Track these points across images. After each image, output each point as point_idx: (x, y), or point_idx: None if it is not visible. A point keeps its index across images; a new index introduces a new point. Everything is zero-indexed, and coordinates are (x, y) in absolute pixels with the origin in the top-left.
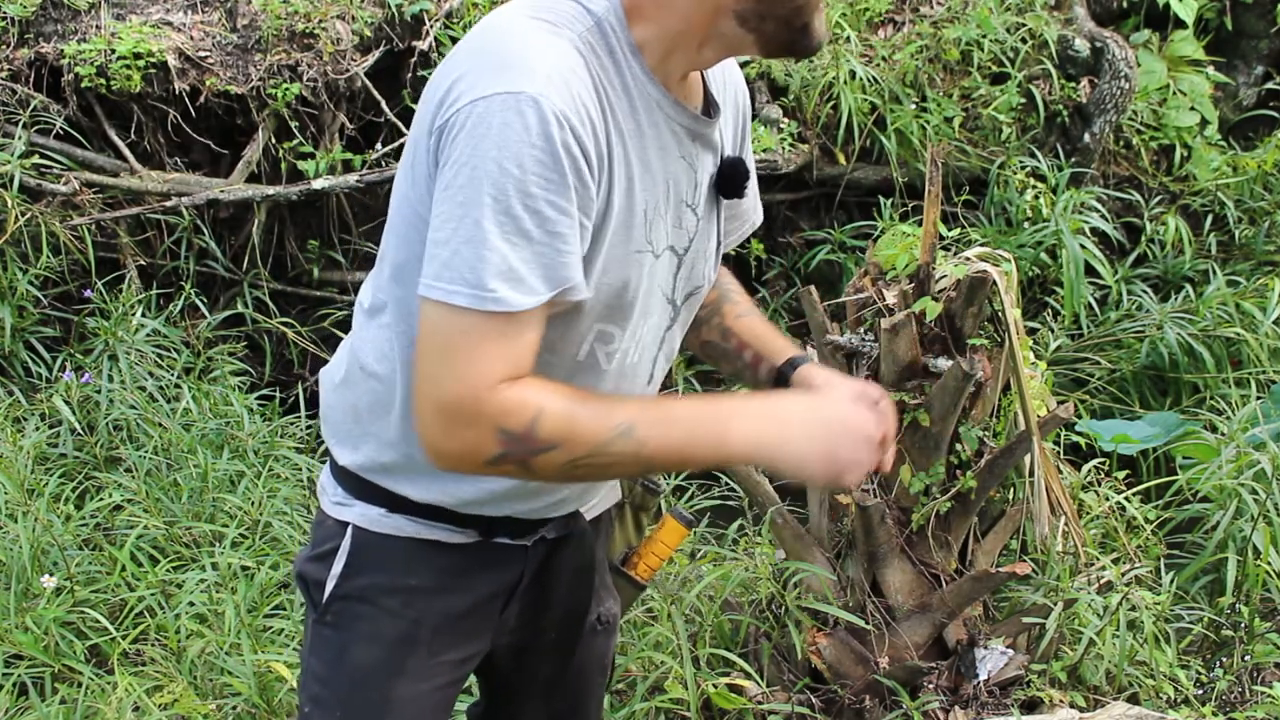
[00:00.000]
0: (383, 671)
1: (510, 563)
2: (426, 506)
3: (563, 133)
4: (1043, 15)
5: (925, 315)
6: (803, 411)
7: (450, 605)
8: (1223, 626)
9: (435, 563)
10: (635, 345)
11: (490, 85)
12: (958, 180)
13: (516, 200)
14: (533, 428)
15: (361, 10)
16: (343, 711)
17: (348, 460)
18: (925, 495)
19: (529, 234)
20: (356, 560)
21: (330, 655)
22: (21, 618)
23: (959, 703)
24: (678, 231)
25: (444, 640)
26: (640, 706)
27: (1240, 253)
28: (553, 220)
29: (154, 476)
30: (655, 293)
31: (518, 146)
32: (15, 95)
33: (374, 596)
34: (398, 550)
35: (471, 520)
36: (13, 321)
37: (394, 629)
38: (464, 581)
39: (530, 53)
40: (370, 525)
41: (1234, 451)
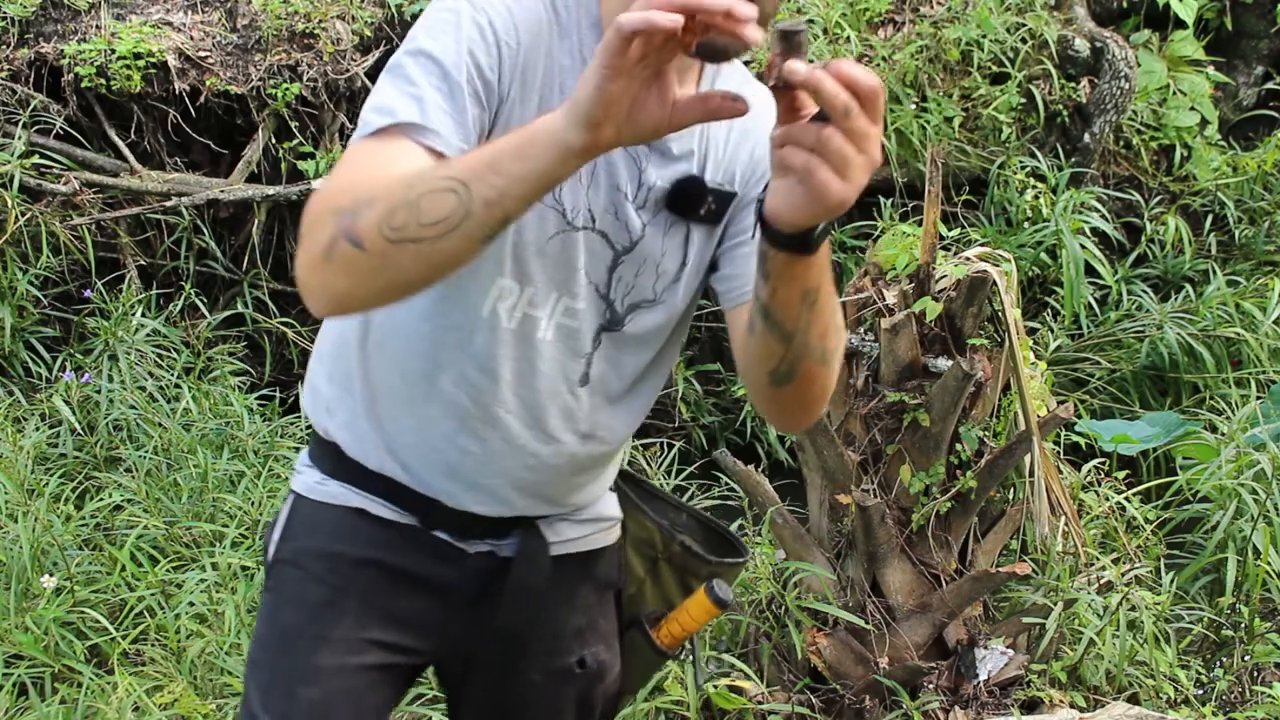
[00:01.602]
0: (307, 636)
1: (448, 560)
2: (359, 470)
3: (476, 14)
4: (1043, 15)
5: (925, 315)
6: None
7: (378, 580)
8: (1223, 626)
9: (363, 532)
10: (547, 318)
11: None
12: (958, 180)
13: (410, 51)
14: (358, 193)
15: (361, 10)
16: (270, 674)
17: (309, 408)
18: (925, 495)
19: (412, 77)
20: (292, 525)
21: (265, 618)
22: (21, 618)
23: (959, 703)
24: (613, 221)
25: (373, 617)
26: (640, 706)
27: (1240, 253)
28: (436, 72)
29: (154, 476)
30: (578, 275)
31: (429, 17)
32: (15, 95)
33: (303, 560)
34: (329, 516)
35: (406, 498)
36: (13, 321)
37: (318, 593)
38: (395, 558)
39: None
40: (308, 492)
41: (1234, 451)
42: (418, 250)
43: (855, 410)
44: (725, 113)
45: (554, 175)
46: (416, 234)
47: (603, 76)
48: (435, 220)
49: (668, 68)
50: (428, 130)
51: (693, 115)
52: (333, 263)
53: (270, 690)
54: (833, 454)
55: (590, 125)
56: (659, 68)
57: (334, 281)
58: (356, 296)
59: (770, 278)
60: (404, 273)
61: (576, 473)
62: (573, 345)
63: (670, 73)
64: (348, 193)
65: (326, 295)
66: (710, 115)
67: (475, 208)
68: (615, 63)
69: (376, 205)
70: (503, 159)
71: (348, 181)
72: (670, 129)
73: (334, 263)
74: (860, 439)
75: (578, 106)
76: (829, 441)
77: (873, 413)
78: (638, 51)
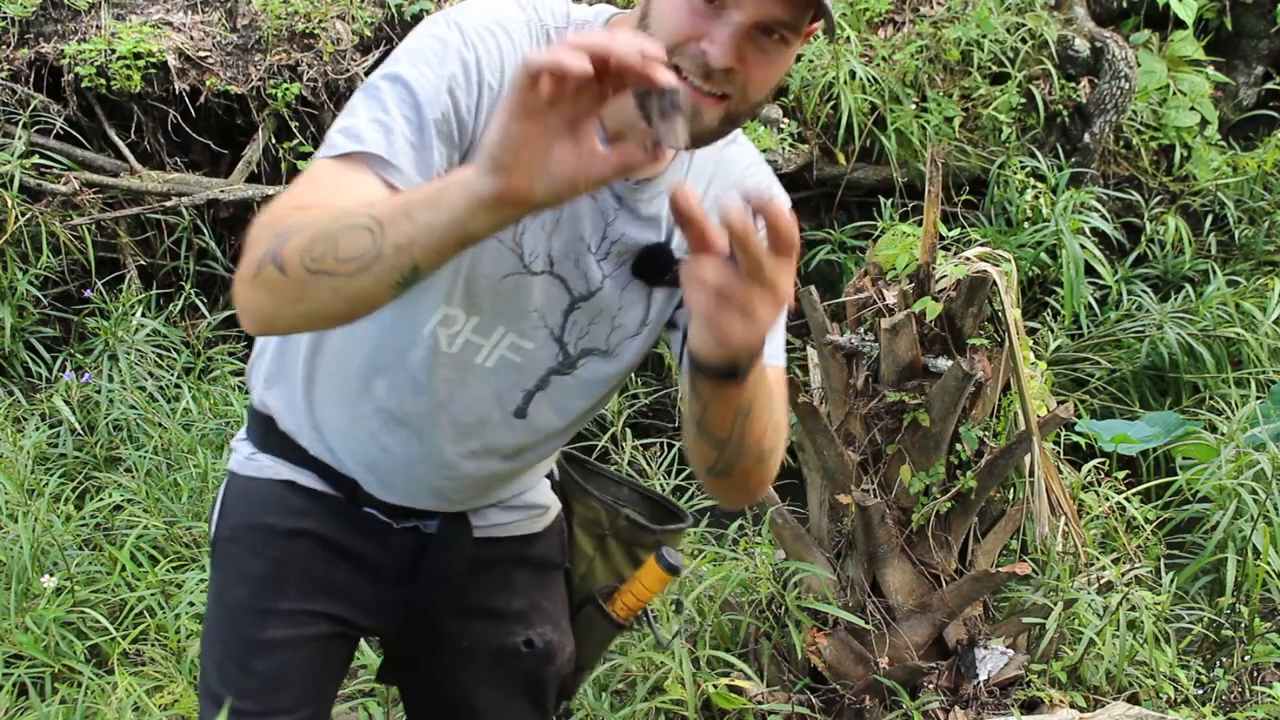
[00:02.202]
0: (254, 610)
1: (375, 535)
2: (289, 443)
3: (464, 48)
4: (1043, 15)
5: (925, 315)
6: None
7: (312, 551)
8: (1223, 626)
9: (292, 503)
10: (490, 347)
11: (431, 15)
12: (958, 180)
13: (389, 75)
14: (296, 216)
15: (361, 10)
16: (223, 650)
17: (251, 376)
18: (925, 495)
19: (386, 104)
20: (227, 503)
21: (213, 596)
22: (21, 618)
23: (959, 703)
24: (572, 268)
25: (314, 587)
26: (640, 706)
27: (1240, 253)
28: (410, 103)
29: (154, 476)
30: (529, 314)
31: (415, 41)
32: (15, 95)
33: (240, 535)
34: (258, 489)
35: (332, 475)
36: (13, 321)
37: (258, 567)
38: (323, 529)
39: (478, 4)
40: (239, 469)
41: (1234, 451)
42: (333, 284)
43: (855, 410)
44: (638, 160)
45: (463, 226)
46: (332, 268)
47: (508, 114)
48: (349, 257)
49: (586, 120)
50: (390, 165)
51: (609, 167)
52: (259, 283)
53: (225, 666)
54: (833, 454)
55: (498, 169)
56: (576, 118)
57: (260, 301)
58: (280, 319)
59: (700, 398)
60: (321, 304)
61: (494, 486)
62: (515, 378)
63: (588, 124)
64: (291, 214)
65: (252, 314)
66: (626, 166)
67: (386, 250)
68: (521, 99)
69: (305, 232)
70: (416, 205)
71: (297, 200)
72: (589, 184)
73: (260, 283)
74: (860, 439)
75: (485, 148)
76: (829, 441)
77: (873, 413)
78: (548, 93)
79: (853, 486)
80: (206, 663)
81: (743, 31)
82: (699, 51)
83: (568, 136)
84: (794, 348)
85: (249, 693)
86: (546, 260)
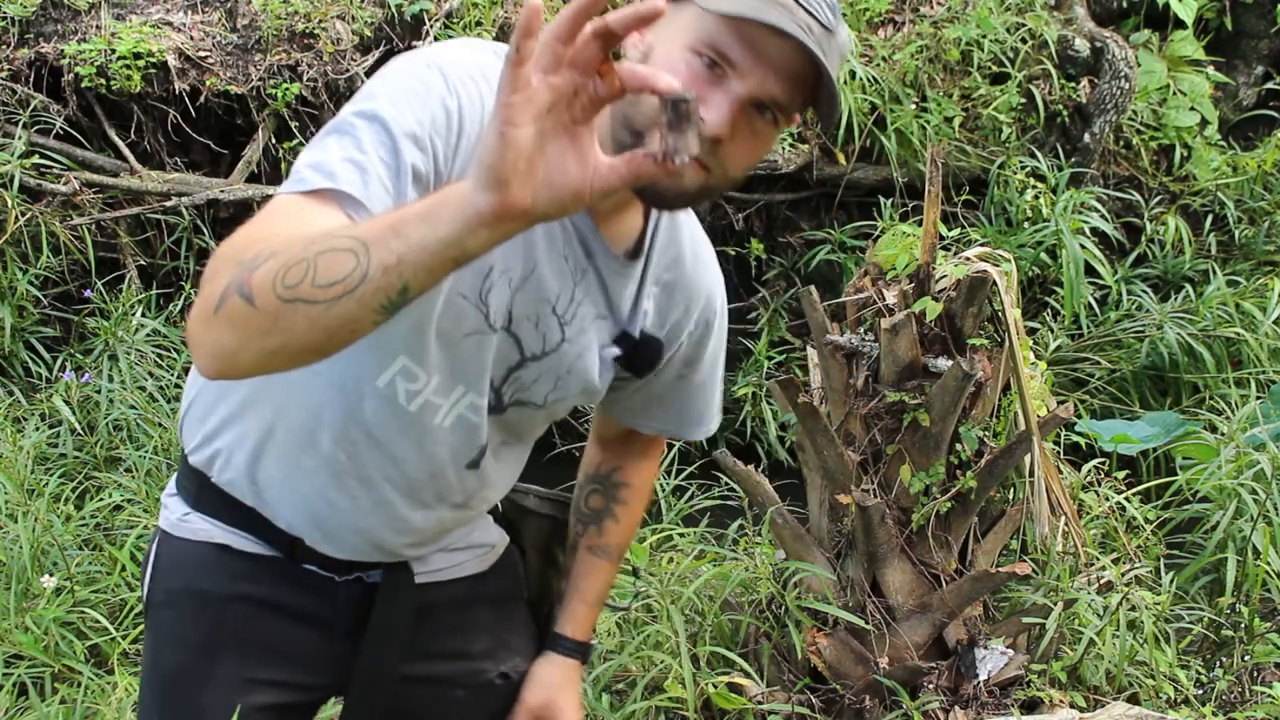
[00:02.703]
0: (189, 677)
1: (318, 591)
2: (223, 500)
3: (446, 94)
4: (1043, 15)
5: (925, 315)
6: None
7: (253, 615)
8: (1223, 626)
9: (229, 567)
10: (448, 407)
11: (408, 54)
12: (958, 180)
13: (366, 113)
14: (261, 249)
15: (361, 10)
16: (159, 716)
17: (183, 426)
18: (925, 495)
19: (362, 144)
20: (160, 565)
21: (148, 661)
22: (21, 618)
23: (959, 703)
24: (531, 328)
25: (255, 654)
26: (640, 705)
27: (1240, 253)
28: (388, 145)
29: (154, 476)
30: (486, 375)
31: (395, 79)
32: (15, 95)
33: (175, 600)
34: (192, 553)
35: (269, 532)
36: (13, 321)
37: (194, 633)
38: (264, 592)
39: (457, 46)
40: (172, 529)
41: (1234, 451)
42: (310, 312)
43: (855, 410)
44: (650, 173)
45: (460, 244)
46: (310, 294)
47: (502, 119)
48: (330, 281)
49: (584, 127)
50: (361, 206)
51: (617, 177)
52: (222, 317)
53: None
54: (833, 454)
55: (498, 182)
56: (573, 123)
57: (222, 338)
58: (245, 357)
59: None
60: (296, 335)
61: (441, 534)
62: (470, 436)
63: (588, 132)
64: (255, 244)
65: (213, 352)
66: (635, 177)
67: (373, 272)
68: (512, 100)
69: (276, 259)
70: (407, 222)
71: (261, 233)
72: (594, 195)
73: (223, 317)
74: (860, 439)
75: (481, 161)
76: (829, 441)
77: (873, 413)
78: (543, 95)
79: (853, 486)
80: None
81: (740, 104)
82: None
83: (568, 145)
84: (794, 348)
85: None
86: (505, 317)
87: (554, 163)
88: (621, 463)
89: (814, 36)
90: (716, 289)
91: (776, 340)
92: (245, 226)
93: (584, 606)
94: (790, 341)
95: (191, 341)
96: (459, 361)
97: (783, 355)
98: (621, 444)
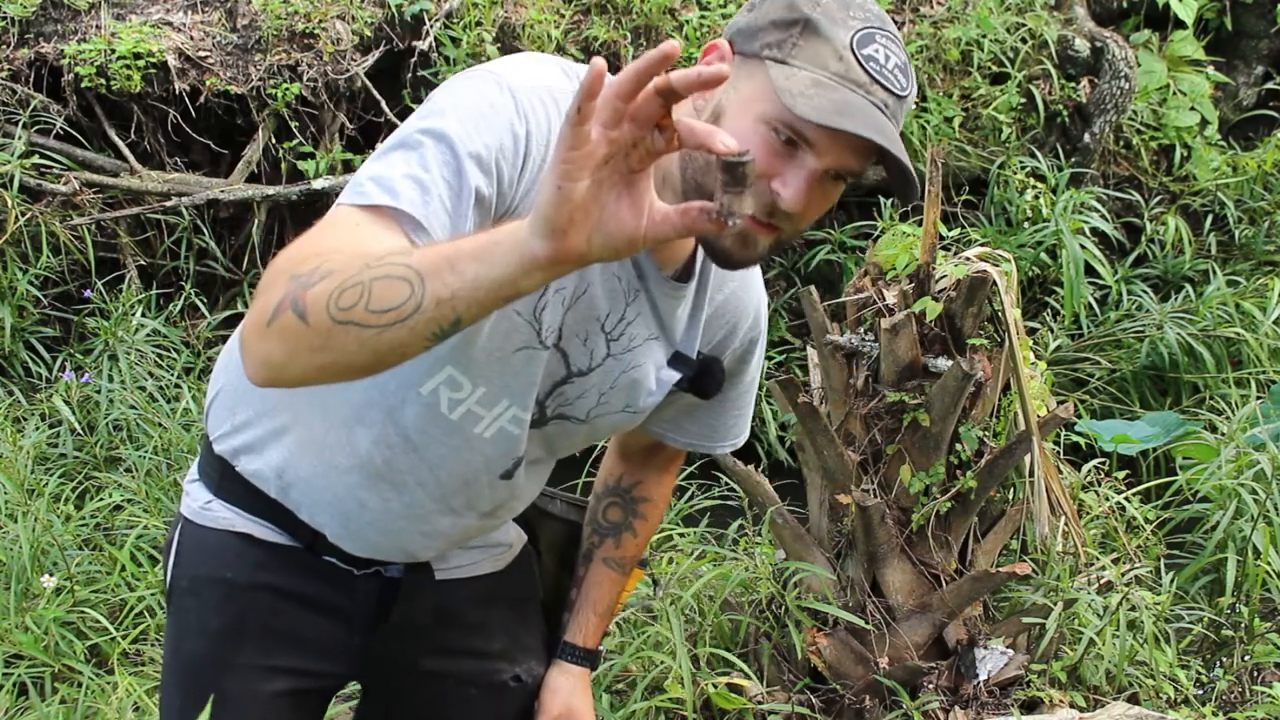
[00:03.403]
0: (212, 664)
1: (337, 583)
2: (246, 489)
3: (515, 118)
4: (1043, 15)
5: (925, 315)
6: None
7: (274, 605)
8: (1223, 626)
9: (251, 556)
10: (492, 418)
11: (478, 69)
12: (958, 180)
13: (433, 131)
14: (318, 265)
15: (361, 10)
16: (182, 702)
17: (210, 413)
18: (925, 495)
19: (427, 162)
20: (182, 551)
21: (170, 646)
22: (21, 618)
23: (959, 703)
24: (580, 345)
25: (276, 642)
26: (640, 706)
27: (1240, 253)
28: (453, 166)
29: (154, 476)
30: (534, 390)
31: (464, 96)
32: (15, 95)
33: (198, 588)
34: (214, 542)
35: (291, 524)
36: (13, 321)
37: (217, 621)
38: (285, 582)
39: (526, 63)
40: (194, 517)
41: (1234, 451)
42: (361, 335)
43: (855, 410)
44: (704, 228)
45: (514, 284)
46: (362, 319)
47: (560, 174)
48: (384, 309)
49: (641, 175)
50: (420, 228)
51: (670, 228)
52: (275, 330)
53: (185, 716)
54: (833, 454)
55: (554, 232)
56: (630, 172)
57: (273, 349)
58: (294, 370)
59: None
60: (345, 355)
61: (466, 540)
62: (508, 448)
63: (644, 180)
64: (312, 259)
65: (263, 362)
66: (689, 229)
67: (426, 303)
68: (571, 156)
69: (332, 279)
70: (463, 258)
71: (319, 246)
72: (647, 242)
73: (276, 330)
74: (860, 439)
75: (539, 211)
76: (829, 441)
77: (873, 413)
78: (602, 149)
79: (853, 486)
80: (165, 711)
81: (815, 178)
82: (768, 190)
83: (624, 194)
84: (794, 348)
85: None
86: (556, 334)
87: (609, 210)
88: (642, 477)
89: (889, 113)
90: (762, 307)
91: (776, 340)
92: (303, 237)
93: (595, 617)
94: (790, 341)
95: (244, 349)
96: (508, 375)
97: (783, 355)
98: (644, 457)
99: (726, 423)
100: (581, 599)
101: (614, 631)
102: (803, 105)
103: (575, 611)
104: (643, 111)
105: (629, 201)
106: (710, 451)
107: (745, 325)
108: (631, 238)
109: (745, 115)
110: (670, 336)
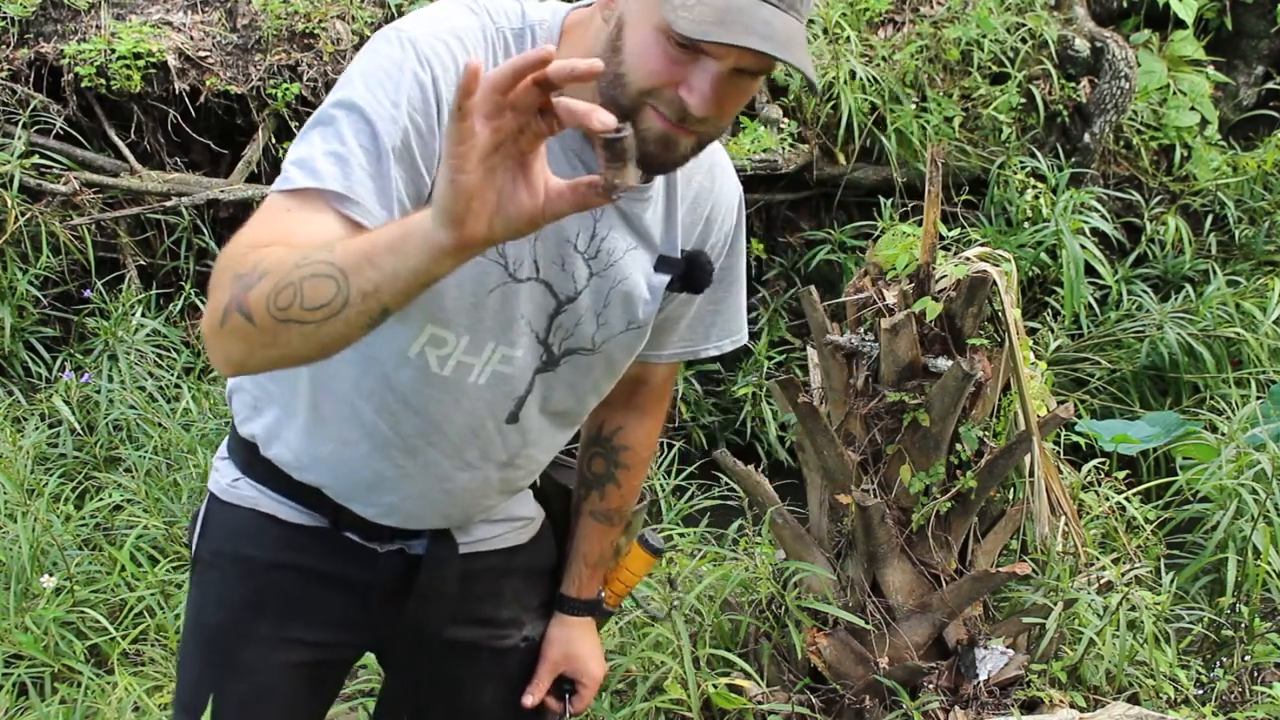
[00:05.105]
0: (231, 634)
1: (360, 560)
2: (271, 470)
3: (419, 68)
4: (1043, 15)
5: (925, 315)
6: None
7: (295, 583)
8: (1223, 626)
9: (274, 535)
10: (481, 365)
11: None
12: (958, 180)
13: (344, 102)
14: (255, 264)
15: (361, 10)
16: (199, 669)
17: (234, 400)
18: (925, 495)
19: (343, 135)
20: (208, 525)
21: (191, 615)
22: (21, 618)
23: (959, 703)
24: (559, 271)
25: (295, 616)
26: (640, 706)
27: (1240, 253)
28: (367, 132)
29: (154, 476)
30: (518, 324)
31: (369, 61)
32: (15, 95)
33: (220, 563)
34: (239, 519)
35: (316, 501)
36: (13, 321)
37: (238, 594)
38: (307, 560)
39: (429, 10)
40: (220, 493)
41: (1234, 451)
42: (303, 330)
43: (855, 410)
44: (595, 202)
45: (429, 272)
46: (300, 316)
47: (451, 167)
48: (316, 305)
49: (533, 156)
50: (348, 200)
51: (565, 204)
52: (227, 331)
53: (200, 685)
54: (833, 454)
55: (454, 222)
56: (521, 154)
57: (231, 348)
58: (254, 363)
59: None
60: (293, 348)
61: (491, 496)
62: (506, 389)
63: (537, 161)
64: (249, 256)
65: (225, 360)
66: (581, 204)
67: (353, 298)
68: (458, 150)
69: (267, 279)
70: (379, 252)
71: (256, 239)
72: (546, 219)
73: (229, 331)
74: (860, 439)
75: (438, 203)
76: (829, 441)
77: (873, 413)
78: (485, 138)
79: (853, 486)
80: (184, 674)
81: (721, 78)
82: (676, 97)
83: (519, 176)
84: (794, 348)
85: (223, 713)
86: (533, 266)
87: (506, 193)
88: (623, 423)
89: (784, 5)
90: (735, 196)
91: (776, 340)
92: (241, 232)
93: (586, 568)
94: (790, 341)
95: (207, 347)
96: (486, 318)
97: (783, 355)
98: (625, 399)
99: (722, 320)
100: (573, 553)
101: (615, 633)
102: (683, 20)
103: (568, 565)
104: (522, 100)
105: (524, 183)
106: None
107: (719, 215)
108: (531, 217)
109: (643, 25)
110: (650, 242)
